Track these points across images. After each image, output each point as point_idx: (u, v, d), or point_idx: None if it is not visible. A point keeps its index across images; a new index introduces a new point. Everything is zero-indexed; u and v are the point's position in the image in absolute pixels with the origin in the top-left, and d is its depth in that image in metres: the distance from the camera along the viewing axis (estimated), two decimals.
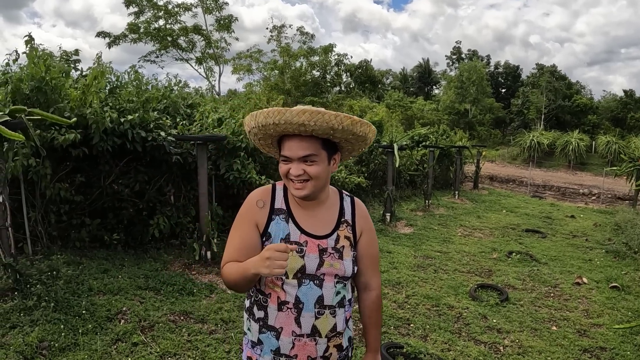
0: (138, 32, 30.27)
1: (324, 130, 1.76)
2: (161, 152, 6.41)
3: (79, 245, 6.10)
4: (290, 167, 1.81)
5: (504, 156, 36.71)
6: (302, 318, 1.84)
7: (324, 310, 1.86)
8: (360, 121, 1.83)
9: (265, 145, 1.95)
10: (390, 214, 10.25)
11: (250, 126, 1.85)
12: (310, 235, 1.88)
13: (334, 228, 1.93)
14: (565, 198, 19.92)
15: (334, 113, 1.77)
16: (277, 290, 1.84)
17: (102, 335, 4.11)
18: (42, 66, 5.43)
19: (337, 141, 1.87)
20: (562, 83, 44.51)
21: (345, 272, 1.89)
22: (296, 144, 1.79)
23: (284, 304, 1.84)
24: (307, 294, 1.83)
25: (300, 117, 1.71)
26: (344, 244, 1.93)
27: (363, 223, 2.03)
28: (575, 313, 5.67)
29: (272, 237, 1.86)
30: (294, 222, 1.88)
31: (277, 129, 1.78)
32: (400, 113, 34.37)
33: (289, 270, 1.81)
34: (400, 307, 5.51)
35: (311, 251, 1.85)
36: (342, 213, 1.99)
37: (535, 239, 9.81)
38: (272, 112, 1.75)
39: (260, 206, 1.91)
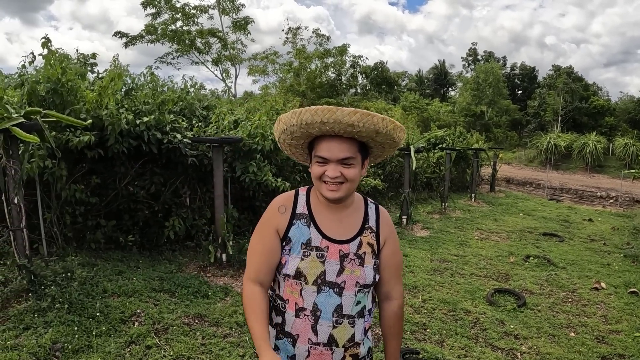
0: (155, 34, 30.48)
1: (369, 133, 1.75)
2: (177, 154, 6.41)
3: (94, 247, 6.12)
4: (326, 169, 1.77)
5: (521, 158, 36.45)
6: (319, 326, 1.80)
7: (343, 319, 1.82)
8: (400, 127, 1.83)
9: (296, 145, 1.91)
10: (406, 216, 10.18)
11: (289, 124, 1.78)
12: (332, 240, 1.85)
13: (357, 233, 1.89)
14: (582, 201, 19.74)
15: (380, 116, 1.74)
16: (296, 296, 1.82)
17: (116, 338, 4.10)
18: (59, 68, 5.45)
19: (372, 145, 1.85)
20: (579, 84, 44.06)
21: (366, 280, 1.85)
22: (337, 145, 1.76)
23: (302, 311, 1.81)
24: (326, 301, 1.80)
25: (350, 118, 1.69)
26: (366, 250, 1.88)
27: (387, 231, 1.99)
28: (593, 319, 5.59)
29: (292, 242, 1.84)
30: (315, 227, 1.86)
31: (322, 128, 1.73)
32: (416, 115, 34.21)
33: (309, 275, 1.79)
34: (416, 311, 5.45)
35: (332, 257, 1.82)
36: (367, 219, 1.95)
37: (553, 243, 9.71)
38: (322, 110, 1.70)
39: (282, 212, 1.89)
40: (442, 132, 16.72)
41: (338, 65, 31.72)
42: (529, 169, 32.78)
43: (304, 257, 1.81)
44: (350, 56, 32.15)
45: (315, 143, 1.82)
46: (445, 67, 61.01)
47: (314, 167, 1.82)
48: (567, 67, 47.96)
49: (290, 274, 1.81)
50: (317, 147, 1.80)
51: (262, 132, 7.04)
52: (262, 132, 7.06)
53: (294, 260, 1.81)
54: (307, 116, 1.71)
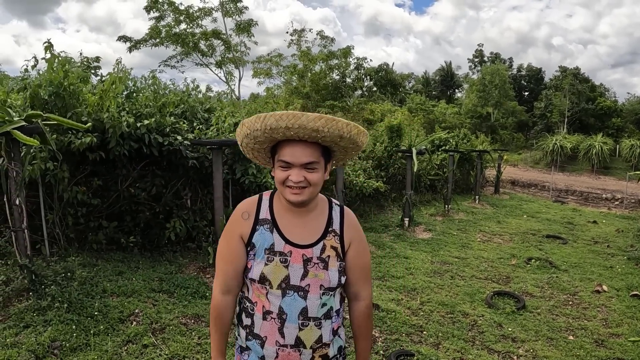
0: (159, 37, 30.59)
1: (333, 138, 1.77)
2: (178, 156, 6.47)
3: (96, 248, 6.18)
4: (289, 174, 1.78)
5: (527, 160, 36.28)
6: (286, 329, 1.83)
7: (309, 322, 1.85)
8: (364, 132, 1.85)
9: (259, 150, 1.91)
10: (408, 218, 10.20)
11: (252, 128, 1.78)
12: (295, 244, 1.86)
13: (320, 237, 1.91)
14: (588, 203, 19.66)
15: (345, 121, 1.77)
16: (262, 299, 1.85)
17: (114, 337, 4.16)
18: (61, 72, 5.52)
19: (335, 149, 1.88)
20: (586, 85, 43.80)
21: (331, 283, 1.87)
22: (300, 150, 1.77)
23: (269, 314, 1.84)
24: (291, 305, 1.83)
25: (315, 123, 1.70)
26: (330, 253, 1.90)
27: (352, 233, 2.00)
28: (593, 322, 5.57)
29: (256, 247, 1.86)
30: (278, 232, 1.87)
31: (286, 133, 1.74)
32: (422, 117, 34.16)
33: (273, 280, 1.82)
34: (414, 313, 5.47)
35: (295, 261, 1.84)
36: (330, 222, 1.96)
37: (556, 245, 9.67)
38: (287, 115, 1.70)
39: (245, 218, 1.91)
40: (445, 133, 16.73)
41: (342, 67, 31.72)
42: (534, 170, 32.62)
43: (268, 262, 1.83)
44: (354, 58, 32.18)
45: (278, 147, 1.82)
46: (452, 69, 60.88)
47: (277, 171, 1.83)
48: (574, 68, 47.76)
49: (255, 278, 1.83)
50: (280, 151, 1.81)
51: None
52: None
53: (259, 265, 1.84)
54: (272, 121, 1.71)
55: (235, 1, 31.35)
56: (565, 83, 43.29)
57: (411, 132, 13.78)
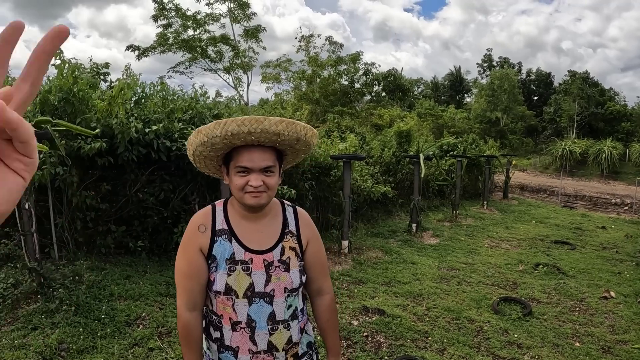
0: (167, 44, 30.77)
1: (291, 142, 1.79)
2: (186, 161, 6.48)
3: (104, 252, 6.23)
4: (249, 179, 1.78)
5: (536, 165, 36.21)
6: (257, 336, 1.84)
7: (278, 325, 1.86)
8: (316, 133, 1.89)
9: (212, 157, 1.88)
10: (416, 224, 10.19)
11: (211, 135, 1.73)
12: (255, 251, 1.86)
13: (278, 240, 1.92)
14: (597, 208, 19.59)
15: (302, 124, 1.80)
16: (229, 311, 1.84)
17: (120, 340, 4.20)
18: (70, 78, 5.59)
19: (289, 152, 1.91)
20: (595, 90, 43.61)
21: (294, 284, 1.89)
22: (259, 154, 1.78)
23: (237, 324, 1.84)
24: (259, 312, 1.83)
25: (277, 127, 1.72)
26: (290, 255, 1.91)
27: (308, 232, 2.02)
28: (600, 329, 5.51)
29: (217, 259, 1.84)
30: (237, 241, 1.87)
31: (247, 138, 1.73)
32: (432, 122, 34.15)
33: (238, 289, 1.82)
34: (419, 319, 5.45)
35: (257, 267, 1.85)
36: (286, 224, 1.97)
37: (564, 251, 9.60)
38: (249, 120, 1.70)
39: (202, 231, 1.88)
40: (453, 139, 16.71)
41: (351, 73, 31.75)
42: (543, 175, 32.54)
43: (231, 272, 1.82)
44: (362, 63, 32.20)
45: (234, 154, 1.81)
46: (461, 74, 60.80)
47: (235, 178, 1.81)
48: (583, 73, 47.51)
49: (221, 290, 1.82)
50: (237, 157, 1.80)
51: None
52: None
53: (222, 276, 1.82)
54: (233, 127, 1.70)
55: (243, 7, 31.52)
56: (574, 87, 43.12)
57: (419, 138, 13.79)
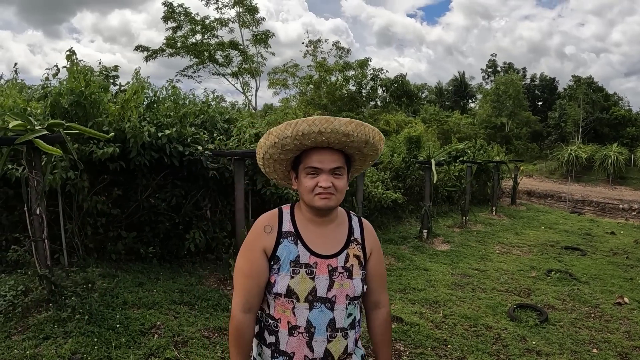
0: (175, 47, 30.84)
1: (359, 144, 1.81)
2: (198, 166, 6.43)
3: (115, 258, 6.15)
4: (318, 180, 1.79)
5: (542, 171, 36.07)
6: (315, 342, 1.82)
7: (336, 333, 1.85)
8: (383, 139, 1.91)
9: (281, 161, 1.91)
10: (427, 230, 10.10)
11: (282, 136, 1.78)
12: (320, 255, 1.86)
13: (344, 246, 1.91)
14: (604, 214, 19.41)
15: (370, 126, 1.82)
16: (288, 314, 1.82)
17: (135, 350, 4.09)
18: (82, 81, 5.51)
19: (357, 157, 1.91)
20: (600, 95, 43.49)
21: (356, 292, 1.88)
22: (328, 156, 1.80)
23: (295, 329, 1.82)
24: (319, 317, 1.82)
25: (347, 127, 1.74)
26: (353, 262, 1.91)
27: (372, 242, 2.02)
28: (616, 335, 5.44)
29: (281, 260, 1.83)
30: (302, 244, 1.86)
31: (317, 139, 1.75)
32: (437, 127, 34.09)
33: (300, 293, 1.80)
34: (437, 327, 5.37)
35: (321, 272, 1.84)
36: (352, 232, 1.97)
37: (575, 257, 9.52)
38: (319, 120, 1.73)
39: (268, 231, 1.88)
40: (463, 145, 16.63)
41: (359, 78, 31.76)
42: (550, 181, 32.39)
43: (294, 275, 1.81)
44: (370, 69, 32.21)
45: (303, 157, 1.84)
46: (465, 79, 60.75)
47: (304, 180, 1.82)
48: (588, 78, 47.35)
49: (282, 292, 1.81)
50: (306, 159, 1.82)
51: None
52: None
53: (284, 278, 1.81)
54: (304, 127, 1.72)
55: (252, 12, 31.58)
56: (579, 92, 42.97)
57: (428, 143, 13.71)
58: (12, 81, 6.84)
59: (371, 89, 32.72)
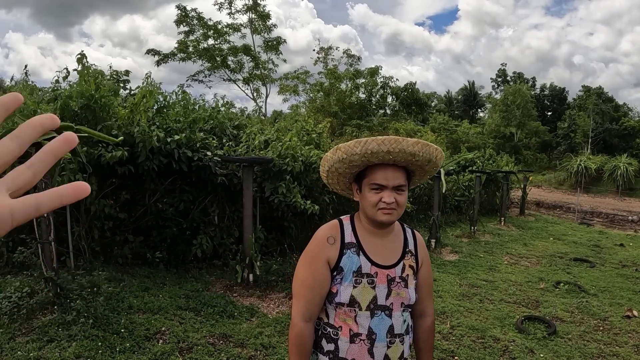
0: (187, 51, 30.97)
1: (422, 162, 1.89)
2: (207, 172, 6.41)
3: (121, 262, 6.15)
4: (382, 196, 1.85)
5: (551, 181, 35.91)
6: (375, 349, 1.87)
7: (395, 339, 1.91)
8: (443, 156, 1.99)
9: (346, 175, 1.97)
10: (435, 240, 10.04)
11: (350, 153, 1.84)
12: (380, 265, 1.92)
13: (400, 257, 1.99)
14: (613, 225, 19.28)
15: (434, 146, 1.89)
16: (350, 322, 1.89)
17: (140, 355, 4.07)
18: (92, 84, 5.51)
19: (417, 173, 1.99)
20: (609, 105, 43.32)
21: (410, 300, 1.96)
22: (392, 173, 1.87)
23: (357, 336, 1.87)
24: (379, 324, 1.88)
25: (414, 148, 1.82)
26: (409, 272, 1.99)
27: (423, 253, 2.10)
28: (625, 348, 5.36)
29: (344, 271, 1.89)
30: (364, 255, 1.92)
31: (385, 157, 1.83)
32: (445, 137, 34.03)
33: (362, 302, 1.86)
34: (444, 338, 5.32)
35: (381, 282, 1.90)
36: (406, 243, 2.05)
37: (584, 269, 9.41)
38: (389, 140, 1.80)
39: (332, 243, 1.94)
40: (472, 154, 16.56)
41: (369, 86, 31.79)
42: (558, 191, 32.24)
43: (356, 285, 1.87)
44: (380, 77, 32.25)
45: (367, 172, 1.90)
46: (475, 88, 60.69)
47: (369, 194, 1.89)
48: (597, 88, 47.18)
49: (345, 302, 1.87)
50: (371, 175, 1.88)
51: (292, 153, 7.02)
52: (293, 153, 7.04)
53: (347, 288, 1.87)
54: (374, 145, 1.80)
55: (264, 19, 31.70)
56: (589, 103, 42.80)
57: None
58: (22, 83, 6.86)
59: (381, 97, 32.73)
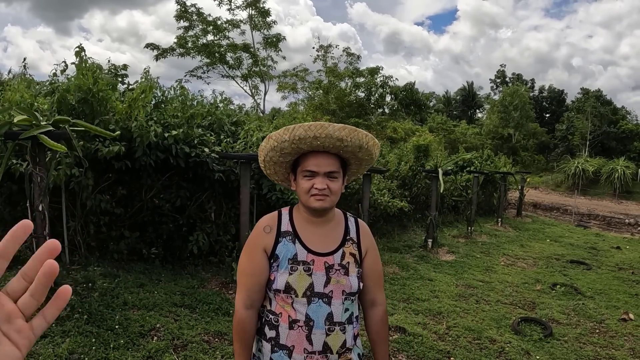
0: (186, 47, 30.91)
1: (353, 148, 1.92)
2: (204, 168, 6.38)
3: (117, 257, 6.11)
4: (314, 182, 1.91)
5: (548, 183, 35.96)
6: (314, 335, 1.90)
7: (334, 327, 1.93)
8: (378, 144, 2.03)
9: (281, 163, 2.01)
10: (432, 240, 10.05)
11: (280, 140, 1.89)
12: (317, 253, 1.96)
13: (340, 245, 2.01)
14: (610, 228, 19.30)
15: (364, 132, 1.93)
16: (288, 309, 1.92)
17: (134, 352, 4.04)
18: (90, 78, 5.47)
19: (352, 161, 2.02)
20: (608, 108, 43.46)
21: (352, 288, 1.97)
22: (324, 160, 1.91)
23: (295, 322, 1.90)
24: (317, 311, 1.91)
25: (340, 132, 1.85)
26: (349, 260, 2.00)
27: (368, 241, 2.12)
28: (621, 351, 5.37)
29: (280, 259, 1.94)
30: (300, 242, 1.97)
31: (313, 143, 1.87)
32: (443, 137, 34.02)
33: (298, 288, 1.90)
34: (440, 338, 5.31)
35: (318, 269, 1.93)
36: (348, 231, 2.07)
37: (580, 271, 9.44)
38: (315, 125, 1.84)
39: (268, 232, 2.00)
40: (470, 155, 16.57)
41: (369, 85, 31.77)
42: (556, 193, 32.27)
43: (292, 272, 1.91)
44: (380, 76, 32.24)
45: (301, 160, 1.95)
46: (474, 89, 60.76)
47: (302, 181, 1.94)
48: (596, 91, 47.31)
49: (281, 288, 1.90)
50: (304, 162, 1.94)
51: None
52: None
53: (283, 275, 1.91)
54: (301, 132, 1.85)
55: (264, 15, 31.65)
56: (587, 105, 42.96)
57: (435, 152, 13.66)
58: (20, 76, 6.82)
59: (380, 96, 32.72)
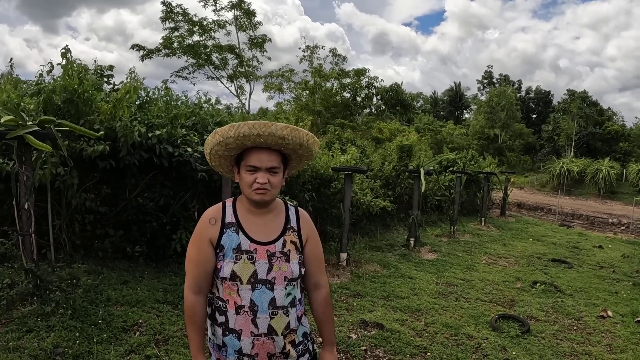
0: (171, 47, 30.84)
1: (294, 146, 2.05)
2: (187, 168, 6.45)
3: (101, 255, 6.18)
4: (256, 176, 2.02)
5: (533, 183, 36.26)
6: (258, 319, 2.02)
7: (278, 310, 2.05)
8: (317, 141, 2.17)
9: (226, 157, 2.13)
10: (414, 239, 10.16)
11: (226, 136, 2.00)
12: (259, 242, 2.07)
13: (281, 234, 2.13)
14: (594, 227, 19.55)
15: (305, 131, 2.07)
16: (234, 295, 2.03)
17: (116, 346, 4.13)
18: (76, 79, 5.55)
19: (293, 157, 2.16)
20: (594, 109, 43.85)
21: (293, 274, 2.09)
22: (266, 156, 2.03)
23: (241, 308, 2.02)
24: (261, 297, 2.02)
25: (283, 131, 1.98)
26: (290, 247, 2.12)
27: (308, 229, 2.24)
28: (598, 348, 5.48)
29: (225, 248, 2.05)
30: (243, 233, 2.08)
31: (256, 140, 1.98)
32: (430, 137, 34.20)
33: (243, 276, 2.01)
34: (418, 334, 5.39)
35: (261, 257, 2.05)
36: (288, 220, 2.19)
37: (561, 269, 9.56)
38: (258, 124, 1.95)
39: (213, 223, 2.10)
40: (454, 155, 16.71)
41: (354, 86, 31.84)
42: (541, 193, 32.56)
43: (237, 261, 2.02)
44: (366, 77, 32.32)
45: (245, 155, 2.06)
46: (461, 90, 60.97)
47: (244, 175, 2.06)
48: (582, 92, 47.71)
49: (227, 276, 2.01)
50: (247, 157, 2.05)
51: None
52: None
53: (228, 264, 2.02)
54: (245, 129, 1.96)
55: (249, 16, 31.63)
56: (573, 106, 43.29)
57: (419, 153, 13.76)
58: (7, 76, 6.86)
59: (366, 97, 32.81)
